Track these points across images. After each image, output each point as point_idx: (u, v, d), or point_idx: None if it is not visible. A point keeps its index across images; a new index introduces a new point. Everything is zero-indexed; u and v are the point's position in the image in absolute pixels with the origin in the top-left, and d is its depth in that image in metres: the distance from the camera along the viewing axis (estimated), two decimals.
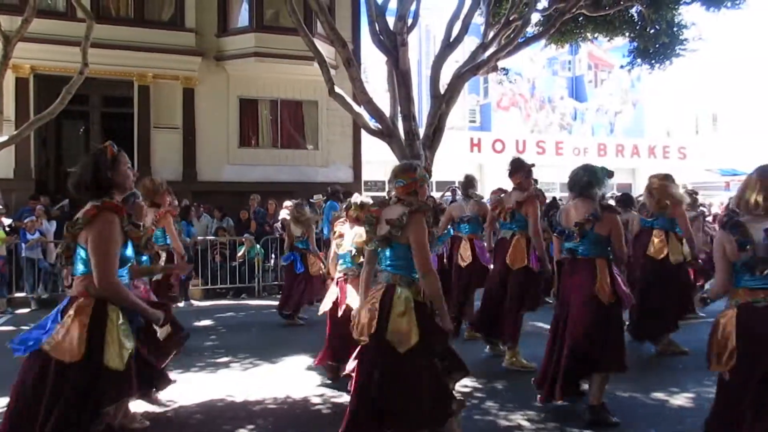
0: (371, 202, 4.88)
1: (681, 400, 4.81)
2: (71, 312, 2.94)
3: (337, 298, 5.29)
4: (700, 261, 6.31)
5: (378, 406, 3.32)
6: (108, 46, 12.79)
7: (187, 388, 5.08)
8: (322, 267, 8.00)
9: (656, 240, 6.21)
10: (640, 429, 4.23)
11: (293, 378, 5.61)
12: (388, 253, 3.51)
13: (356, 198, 5.34)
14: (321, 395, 5.07)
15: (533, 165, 5.80)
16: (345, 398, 4.97)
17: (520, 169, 5.66)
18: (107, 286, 2.96)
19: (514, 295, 5.67)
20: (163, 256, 6.16)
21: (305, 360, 6.22)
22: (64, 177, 15.86)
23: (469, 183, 7.37)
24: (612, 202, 7.01)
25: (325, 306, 5.41)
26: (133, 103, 14.09)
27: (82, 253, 3.03)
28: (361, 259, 4.74)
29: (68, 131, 16.15)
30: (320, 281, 8.05)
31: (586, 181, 4.38)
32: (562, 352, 4.33)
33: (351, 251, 5.23)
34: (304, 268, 8.33)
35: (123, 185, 3.20)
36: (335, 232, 5.50)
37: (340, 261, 5.36)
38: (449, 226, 7.33)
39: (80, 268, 3.05)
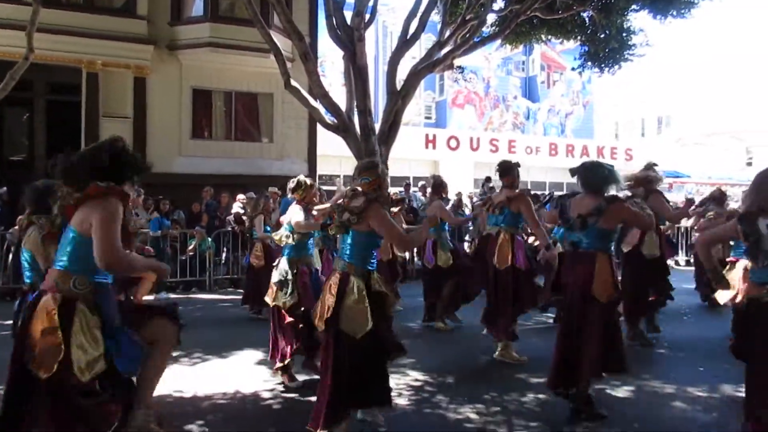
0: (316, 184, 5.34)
1: (621, 392, 4.98)
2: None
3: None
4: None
5: (350, 388, 3.60)
6: (56, 31, 12.39)
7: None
8: None
9: None
10: (587, 421, 4.37)
11: (243, 373, 5.57)
12: (348, 241, 3.79)
13: (303, 178, 5.44)
14: (271, 390, 5.06)
15: (519, 165, 5.95)
16: (294, 393, 4.98)
17: (510, 171, 5.87)
18: (116, 260, 2.83)
19: (506, 296, 5.80)
20: None
21: (256, 355, 6.19)
22: (7, 165, 15.29)
23: (439, 186, 7.60)
24: None
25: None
26: (81, 91, 13.66)
27: (71, 238, 2.93)
28: (289, 241, 5.15)
29: (11, 118, 15.57)
30: None
31: (602, 178, 4.39)
32: (580, 341, 4.30)
33: (285, 234, 5.25)
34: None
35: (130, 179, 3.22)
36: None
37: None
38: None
39: (62, 260, 2.94)
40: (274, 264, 5.39)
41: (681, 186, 25.28)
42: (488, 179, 16.43)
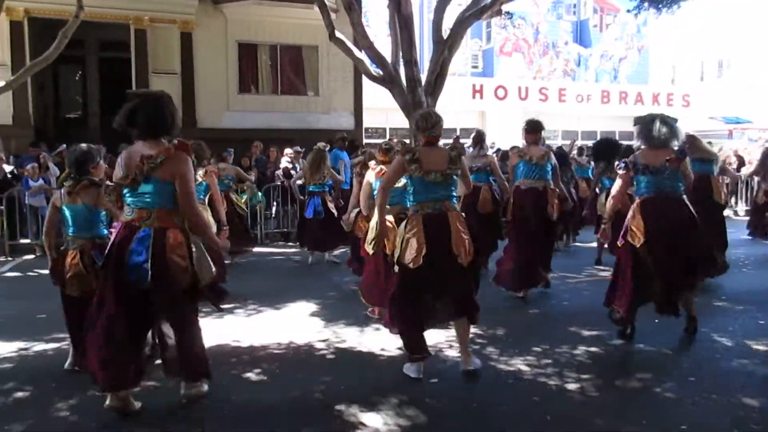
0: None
1: (678, 344, 4.90)
2: (171, 242, 3.43)
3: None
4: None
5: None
6: None
7: None
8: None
9: None
10: (641, 374, 4.33)
11: (297, 324, 5.72)
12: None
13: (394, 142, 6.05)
14: (325, 340, 5.17)
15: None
16: (348, 343, 5.09)
17: (538, 129, 6.38)
18: (198, 215, 3.56)
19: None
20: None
21: (308, 306, 6.33)
22: (63, 123, 15.77)
23: (479, 137, 7.91)
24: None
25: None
26: (129, 47, 13.85)
27: (161, 187, 3.41)
28: None
29: (65, 77, 15.98)
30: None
31: (667, 133, 4.78)
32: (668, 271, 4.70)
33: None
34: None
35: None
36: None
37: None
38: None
39: (156, 200, 3.43)
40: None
41: (742, 132, 24.17)
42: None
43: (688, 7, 13.39)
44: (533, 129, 6.32)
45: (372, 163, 5.83)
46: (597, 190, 8.44)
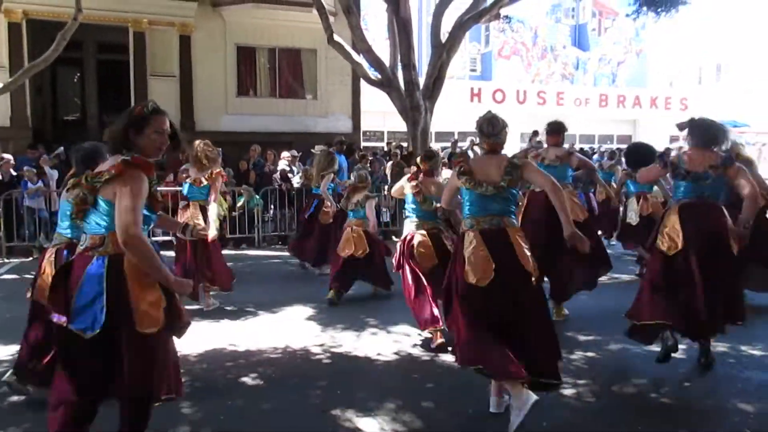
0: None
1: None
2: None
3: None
4: None
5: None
6: None
7: (190, 337, 5.15)
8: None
9: None
10: (637, 380, 4.34)
11: (293, 328, 5.72)
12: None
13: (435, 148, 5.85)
14: (321, 345, 5.17)
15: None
16: (344, 347, 5.10)
17: (560, 131, 6.07)
18: (131, 238, 2.64)
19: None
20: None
21: (305, 310, 6.33)
22: (61, 125, 15.76)
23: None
24: None
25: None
26: (128, 50, 13.85)
27: (102, 207, 2.76)
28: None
29: (63, 79, 15.97)
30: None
31: (713, 135, 4.46)
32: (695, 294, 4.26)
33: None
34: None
35: (146, 151, 2.83)
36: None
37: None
38: None
39: (95, 224, 2.79)
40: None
41: (740, 136, 24.20)
42: (536, 133, 16.05)
43: (686, 10, 13.42)
44: (553, 131, 6.06)
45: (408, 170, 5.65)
46: (624, 196, 8.30)
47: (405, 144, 13.50)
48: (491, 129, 3.75)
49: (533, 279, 3.58)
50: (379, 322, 5.78)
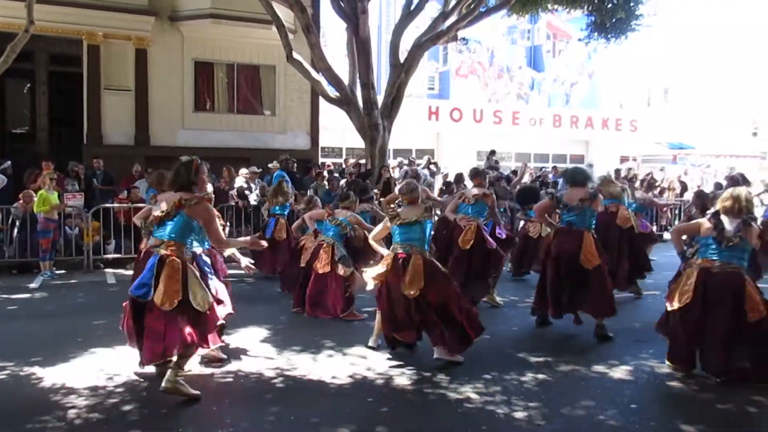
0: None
1: (619, 372, 5.05)
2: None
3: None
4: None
5: None
6: (56, 2, 12.28)
7: (137, 360, 5.05)
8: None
9: None
10: (586, 402, 4.45)
11: (247, 351, 5.65)
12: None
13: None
14: (274, 368, 5.13)
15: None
16: (298, 371, 5.07)
17: (480, 175, 7.62)
18: (224, 243, 4.80)
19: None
20: None
21: (259, 332, 6.27)
22: (10, 138, 15.27)
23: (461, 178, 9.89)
24: None
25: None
26: (82, 62, 13.57)
27: (187, 224, 4.39)
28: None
29: (13, 90, 15.47)
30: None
31: (584, 177, 6.23)
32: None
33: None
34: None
35: (201, 187, 4.58)
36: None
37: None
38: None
39: (176, 234, 4.38)
40: None
41: (684, 158, 25.11)
42: (493, 152, 16.34)
43: (635, 37, 13.95)
44: (474, 175, 7.57)
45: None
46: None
47: (362, 161, 13.57)
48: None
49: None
50: (335, 344, 5.77)
